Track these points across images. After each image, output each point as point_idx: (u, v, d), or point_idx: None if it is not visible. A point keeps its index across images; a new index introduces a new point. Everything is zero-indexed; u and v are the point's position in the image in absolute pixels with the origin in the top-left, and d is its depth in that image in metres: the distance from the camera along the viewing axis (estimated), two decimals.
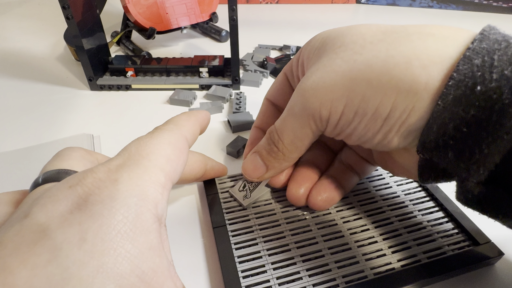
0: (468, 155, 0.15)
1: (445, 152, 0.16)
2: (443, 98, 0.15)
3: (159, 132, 0.17)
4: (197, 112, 0.21)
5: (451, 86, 0.15)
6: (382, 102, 0.16)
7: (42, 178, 0.16)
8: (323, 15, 0.64)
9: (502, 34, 0.15)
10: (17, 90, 0.40)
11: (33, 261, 0.11)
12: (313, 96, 0.18)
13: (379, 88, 0.16)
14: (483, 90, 0.14)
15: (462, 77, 0.14)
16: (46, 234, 0.12)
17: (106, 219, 0.12)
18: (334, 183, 0.23)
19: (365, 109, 0.17)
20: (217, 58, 0.41)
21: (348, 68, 0.17)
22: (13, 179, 0.27)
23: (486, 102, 0.14)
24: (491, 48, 0.14)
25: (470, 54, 0.14)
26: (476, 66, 0.14)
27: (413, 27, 0.17)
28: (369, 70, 0.16)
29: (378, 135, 0.17)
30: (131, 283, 0.12)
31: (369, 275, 0.20)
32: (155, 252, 0.13)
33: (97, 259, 0.12)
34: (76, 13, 0.34)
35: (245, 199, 0.24)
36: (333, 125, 0.18)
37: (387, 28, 0.18)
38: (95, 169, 0.14)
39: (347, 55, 0.17)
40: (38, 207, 0.13)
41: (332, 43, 0.19)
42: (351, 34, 0.18)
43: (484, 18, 0.63)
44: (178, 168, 0.17)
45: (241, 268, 0.20)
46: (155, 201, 0.14)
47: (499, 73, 0.14)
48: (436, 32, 0.16)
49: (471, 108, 0.14)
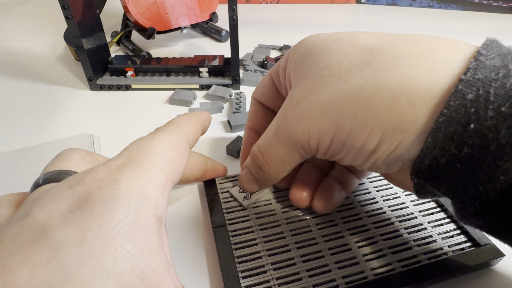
0: (462, 190, 0.14)
1: (439, 184, 0.15)
2: (433, 135, 0.14)
3: (161, 133, 0.17)
4: (199, 113, 0.21)
5: (441, 123, 0.14)
6: (368, 138, 0.16)
7: (43, 179, 0.16)
8: (323, 15, 0.64)
9: (502, 55, 0.14)
10: (17, 90, 0.40)
11: (33, 260, 0.11)
12: (300, 127, 0.18)
13: (365, 124, 0.15)
14: (478, 128, 0.13)
15: (454, 113, 0.13)
16: (46, 233, 0.12)
17: (106, 218, 0.12)
18: (337, 186, 0.23)
19: (352, 143, 0.16)
20: (217, 58, 0.41)
21: (334, 99, 0.16)
22: (13, 179, 0.27)
23: (481, 141, 0.13)
24: (487, 78, 0.13)
25: (463, 87, 0.13)
26: (469, 102, 0.13)
27: (404, 44, 0.16)
28: (355, 104, 0.16)
29: (367, 163, 0.17)
30: (131, 282, 0.12)
31: (369, 276, 0.19)
32: (155, 252, 0.13)
33: (97, 258, 0.12)
34: (76, 13, 0.34)
35: (245, 199, 0.24)
36: (322, 153, 0.18)
37: (375, 45, 0.16)
38: (96, 169, 0.14)
39: (333, 82, 0.16)
40: (39, 207, 0.13)
41: (317, 62, 0.18)
42: (337, 53, 0.17)
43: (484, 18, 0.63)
44: (179, 169, 0.17)
45: (240, 268, 0.20)
46: (156, 201, 0.14)
47: (496, 110, 0.13)
48: (428, 54, 0.15)
49: (464, 146, 0.13)
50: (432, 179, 0.15)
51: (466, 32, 0.58)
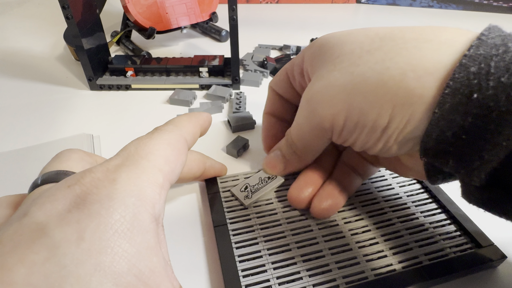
0: (468, 162, 0.15)
1: (446, 159, 0.16)
2: (440, 106, 0.15)
3: (159, 133, 0.17)
4: (199, 114, 0.21)
5: (447, 94, 0.15)
6: (379, 114, 0.17)
7: (41, 179, 0.16)
8: (323, 15, 0.64)
9: (502, 36, 0.15)
10: (17, 90, 0.40)
11: (31, 259, 0.11)
12: (315, 109, 0.19)
13: (375, 102, 0.16)
14: (480, 98, 0.14)
15: (458, 85, 0.14)
16: (44, 232, 0.12)
17: (104, 218, 0.12)
18: (338, 188, 0.23)
19: (364, 122, 0.17)
20: (217, 58, 0.41)
21: (345, 81, 0.17)
22: (12, 179, 0.27)
23: (484, 110, 0.14)
24: (488, 54, 0.14)
25: (466, 61, 0.14)
26: (472, 74, 0.14)
27: (411, 32, 0.17)
28: (365, 83, 0.17)
29: (379, 143, 0.18)
30: (128, 281, 0.12)
31: (370, 276, 0.19)
32: (153, 252, 0.13)
33: (94, 257, 0.12)
34: (76, 13, 0.34)
35: (246, 198, 0.24)
36: (337, 134, 0.19)
37: (385, 33, 0.18)
38: (94, 169, 0.14)
39: (344, 67, 0.18)
40: (37, 206, 0.13)
41: (331, 53, 0.19)
42: (350, 42, 0.18)
43: (484, 18, 0.63)
44: (177, 169, 0.17)
45: (241, 267, 0.20)
46: (153, 201, 0.14)
47: (496, 81, 0.14)
48: (433, 38, 0.16)
49: (469, 116, 0.14)
50: (440, 155, 0.16)
51: None
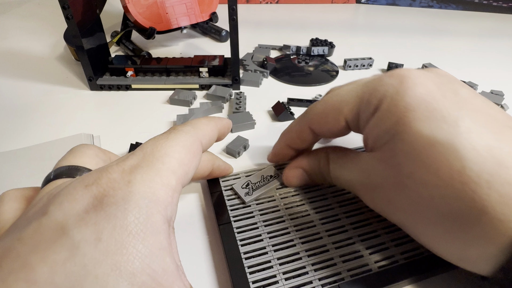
0: None
1: None
2: None
3: (175, 133, 0.17)
4: (219, 119, 0.22)
5: None
6: None
7: (54, 174, 0.17)
8: (323, 15, 0.64)
9: None
10: (17, 90, 0.40)
11: (53, 259, 0.12)
12: None
13: None
14: None
15: None
16: (64, 232, 0.12)
17: (120, 220, 0.13)
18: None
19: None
20: (217, 58, 0.41)
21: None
22: (13, 179, 0.27)
23: None
24: None
25: None
26: None
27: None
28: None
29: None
30: (143, 281, 0.12)
31: (374, 268, 0.20)
32: (165, 252, 0.14)
33: (111, 258, 0.12)
34: (76, 13, 0.34)
35: (247, 196, 0.24)
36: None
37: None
38: (110, 169, 0.15)
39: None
40: (56, 206, 0.13)
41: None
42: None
43: (484, 18, 0.63)
44: (190, 172, 0.17)
45: (247, 264, 0.20)
46: (165, 204, 0.15)
47: None
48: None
49: None
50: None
51: (466, 32, 0.58)
